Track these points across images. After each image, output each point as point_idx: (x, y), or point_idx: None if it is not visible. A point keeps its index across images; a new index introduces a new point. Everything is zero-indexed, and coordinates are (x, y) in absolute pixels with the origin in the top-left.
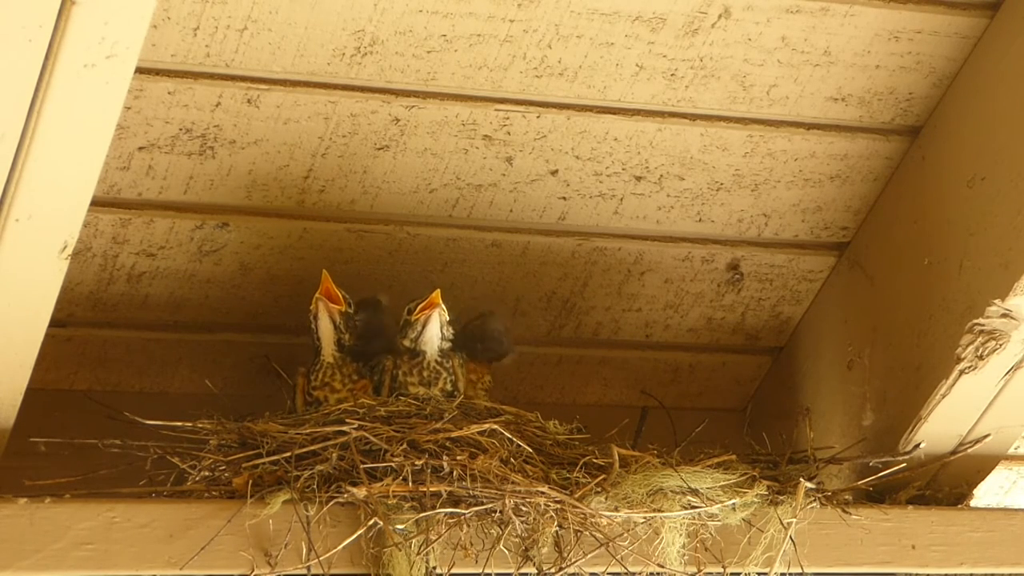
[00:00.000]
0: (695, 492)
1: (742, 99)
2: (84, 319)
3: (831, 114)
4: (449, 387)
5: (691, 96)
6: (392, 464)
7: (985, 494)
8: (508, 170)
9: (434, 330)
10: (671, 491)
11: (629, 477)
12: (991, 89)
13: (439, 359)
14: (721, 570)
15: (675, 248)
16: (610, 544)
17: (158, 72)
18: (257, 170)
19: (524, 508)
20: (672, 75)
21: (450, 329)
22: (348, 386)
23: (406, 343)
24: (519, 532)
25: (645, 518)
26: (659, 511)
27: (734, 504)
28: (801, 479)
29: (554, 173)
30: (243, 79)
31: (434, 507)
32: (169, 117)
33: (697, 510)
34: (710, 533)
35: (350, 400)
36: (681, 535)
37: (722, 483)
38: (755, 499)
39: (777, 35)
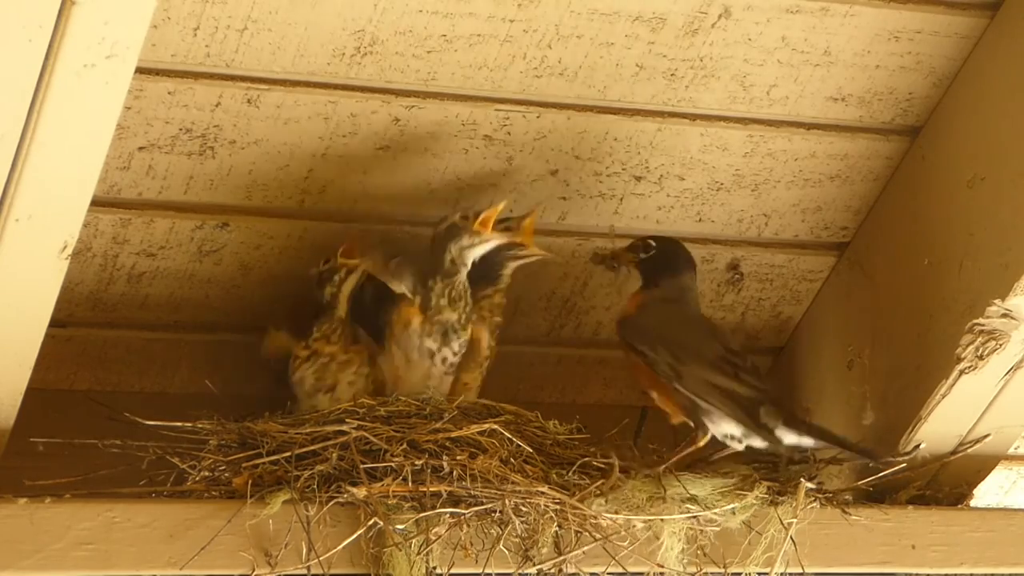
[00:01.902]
0: (694, 499)
1: (742, 99)
2: (84, 319)
3: (831, 114)
4: (464, 318)
5: (691, 96)
6: (392, 464)
7: (985, 494)
8: (508, 170)
9: (485, 250)
10: (671, 497)
11: (629, 482)
12: (991, 89)
13: (464, 283)
14: (722, 570)
15: None
16: (609, 543)
17: (158, 72)
18: (257, 170)
19: (524, 508)
20: (672, 75)
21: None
22: (341, 345)
23: (453, 249)
24: (519, 532)
25: (645, 521)
26: (659, 516)
27: (733, 508)
28: (802, 479)
29: (554, 173)
30: (243, 79)
31: (434, 507)
32: (169, 117)
33: (697, 515)
34: (709, 539)
35: (340, 356)
36: (680, 540)
37: (721, 488)
38: (755, 501)
39: (777, 35)
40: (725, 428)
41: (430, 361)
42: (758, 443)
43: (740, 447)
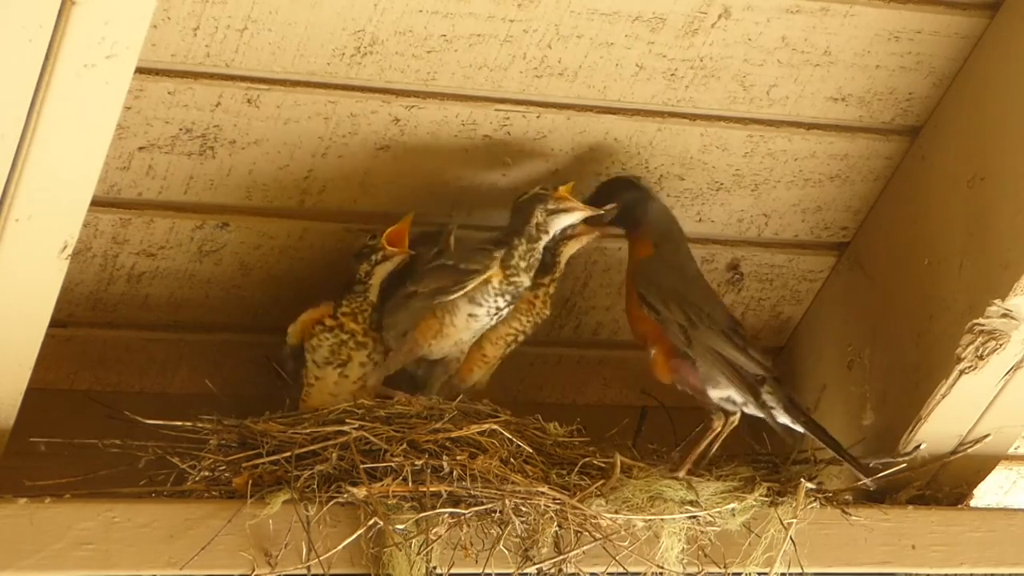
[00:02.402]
0: (695, 502)
1: (742, 99)
2: (84, 319)
3: (831, 114)
4: (522, 288)
5: (691, 96)
6: (392, 464)
7: (985, 494)
8: (508, 170)
9: (572, 220)
10: (671, 498)
11: (630, 482)
12: (991, 89)
13: (540, 253)
14: (722, 570)
15: None
16: (609, 543)
17: (158, 72)
18: (257, 170)
19: (524, 508)
20: (672, 75)
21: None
22: (364, 327)
23: (540, 213)
24: (519, 532)
25: (645, 520)
26: (659, 516)
27: (733, 509)
28: (802, 479)
29: (554, 173)
30: (243, 79)
31: (434, 507)
32: (169, 117)
33: (696, 515)
34: (709, 539)
35: (360, 336)
36: (680, 540)
37: (722, 490)
38: (755, 502)
39: (777, 35)
40: (725, 392)
41: (488, 319)
42: (753, 412)
43: (735, 412)
